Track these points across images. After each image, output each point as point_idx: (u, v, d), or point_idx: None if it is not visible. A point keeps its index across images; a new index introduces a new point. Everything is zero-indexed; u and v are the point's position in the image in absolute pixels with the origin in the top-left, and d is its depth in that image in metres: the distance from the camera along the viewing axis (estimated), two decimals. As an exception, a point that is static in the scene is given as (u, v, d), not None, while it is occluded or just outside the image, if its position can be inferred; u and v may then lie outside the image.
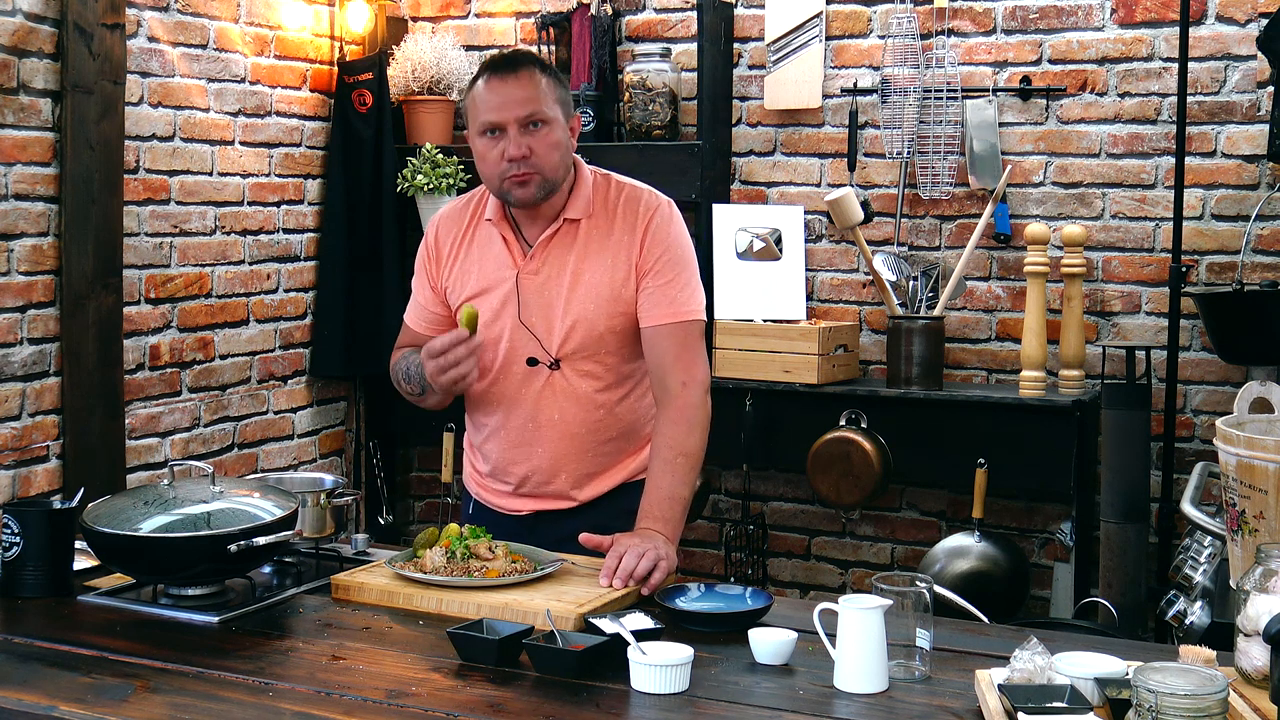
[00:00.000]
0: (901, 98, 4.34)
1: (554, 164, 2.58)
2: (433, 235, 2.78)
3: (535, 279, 2.65)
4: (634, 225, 2.64)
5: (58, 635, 2.18)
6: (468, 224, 2.74)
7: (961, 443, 4.05)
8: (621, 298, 2.64)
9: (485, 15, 4.93)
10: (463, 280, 2.72)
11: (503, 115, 2.55)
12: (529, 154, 2.54)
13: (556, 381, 2.66)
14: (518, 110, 2.55)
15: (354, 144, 4.69)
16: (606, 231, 2.65)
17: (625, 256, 2.64)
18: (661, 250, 2.64)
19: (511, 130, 2.55)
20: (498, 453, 2.76)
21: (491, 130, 2.57)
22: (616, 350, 2.67)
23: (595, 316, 2.63)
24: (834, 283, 4.55)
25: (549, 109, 2.58)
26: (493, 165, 2.58)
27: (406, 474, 5.22)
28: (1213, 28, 4.04)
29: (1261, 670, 1.78)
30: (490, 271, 2.68)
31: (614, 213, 2.67)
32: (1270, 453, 1.93)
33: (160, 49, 4.08)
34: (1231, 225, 4.06)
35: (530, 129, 2.55)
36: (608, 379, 2.68)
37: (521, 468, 2.73)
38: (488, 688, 1.96)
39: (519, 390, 2.69)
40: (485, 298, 2.67)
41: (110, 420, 3.87)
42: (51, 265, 3.74)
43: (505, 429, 2.73)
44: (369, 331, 4.71)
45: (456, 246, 2.74)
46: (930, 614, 2.04)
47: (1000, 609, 3.61)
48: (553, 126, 2.58)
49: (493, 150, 2.57)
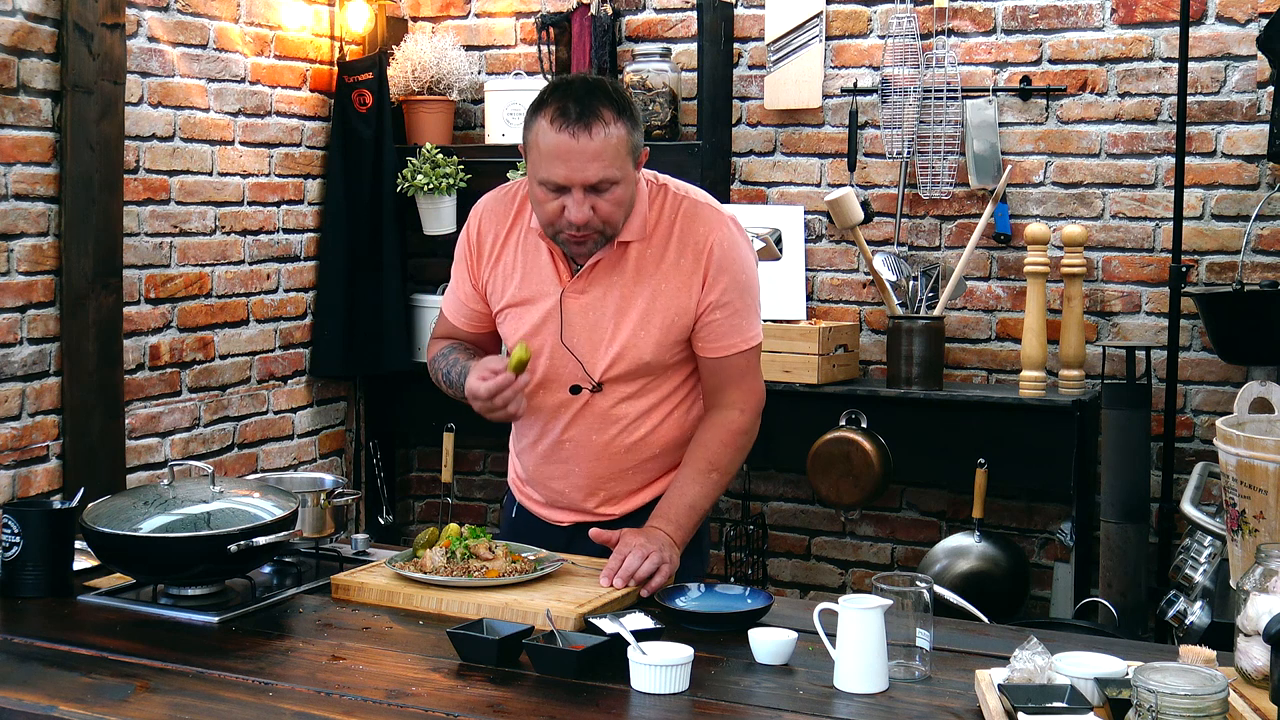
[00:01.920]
0: (901, 98, 4.34)
1: (617, 220, 2.42)
2: (475, 228, 2.63)
3: (580, 300, 2.52)
4: (698, 255, 2.48)
5: (58, 635, 2.18)
6: (512, 221, 2.59)
7: (961, 443, 4.05)
8: (676, 326, 2.51)
9: (485, 15, 4.93)
10: (504, 283, 2.59)
11: (570, 177, 2.35)
12: (592, 218, 2.38)
13: (596, 403, 2.56)
14: (587, 174, 2.35)
15: (354, 144, 4.69)
16: (660, 256, 2.50)
17: (685, 287, 2.49)
18: (727, 281, 2.51)
19: (576, 194, 2.36)
20: (534, 466, 2.68)
21: (554, 188, 2.38)
22: (662, 374, 2.56)
23: (644, 345, 2.51)
24: (834, 283, 4.55)
25: (619, 169, 2.37)
26: (549, 217, 2.41)
27: (406, 474, 5.22)
28: (1213, 28, 4.04)
29: (1261, 670, 1.78)
30: (534, 284, 2.55)
31: (670, 234, 2.50)
32: (1270, 453, 1.93)
33: (160, 49, 4.08)
34: (1231, 225, 4.06)
35: (597, 191, 2.37)
36: (650, 402, 2.58)
37: (556, 484, 2.66)
38: (488, 688, 1.96)
39: (556, 410, 2.59)
40: (526, 309, 2.57)
41: (110, 420, 3.87)
42: (51, 265, 3.74)
43: (541, 444, 2.64)
44: (369, 331, 4.71)
45: (499, 245, 2.59)
46: (930, 614, 2.04)
47: (1000, 609, 3.61)
48: (622, 185, 2.39)
49: (552, 202, 2.39)
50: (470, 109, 4.93)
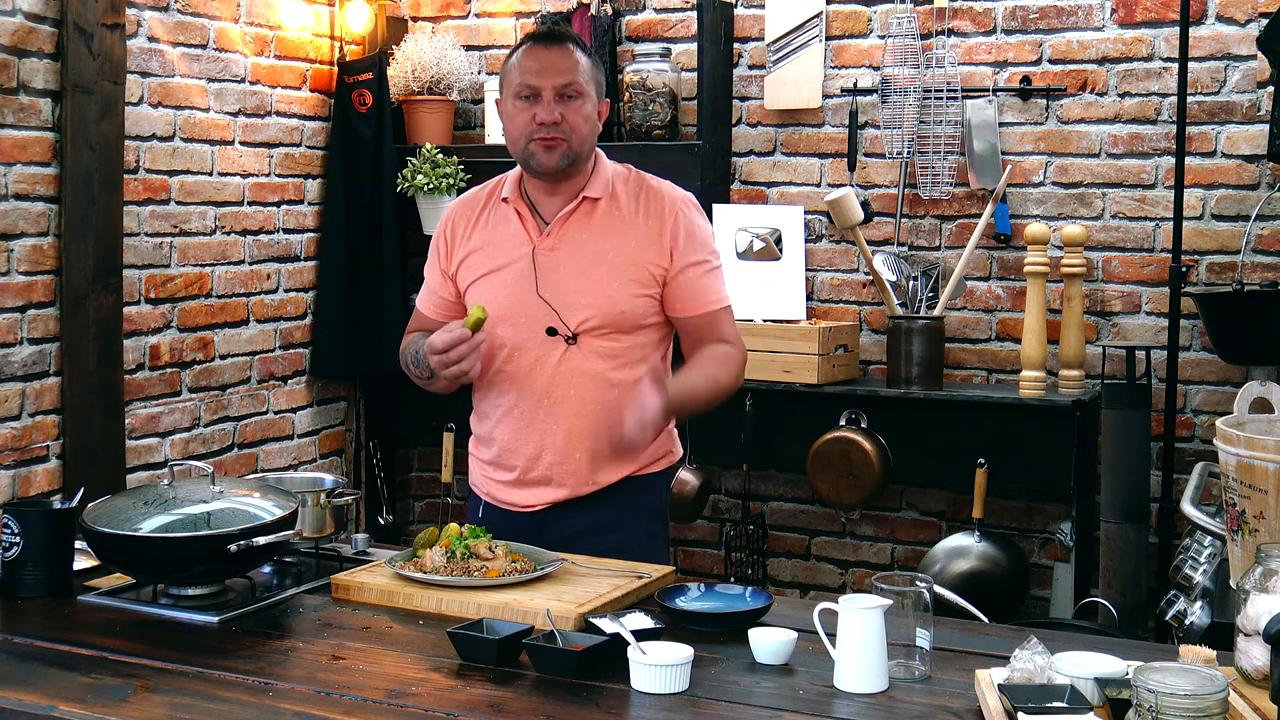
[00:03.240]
0: (901, 98, 4.34)
1: (582, 136, 2.64)
2: (446, 223, 2.82)
3: (552, 255, 2.68)
4: (662, 214, 2.69)
5: (58, 635, 2.18)
6: (482, 207, 2.78)
7: (961, 443, 4.05)
8: (645, 277, 2.66)
9: (485, 15, 4.93)
10: (477, 260, 2.74)
11: (540, 81, 2.61)
12: (560, 120, 2.60)
13: (572, 358, 2.66)
14: (555, 78, 2.62)
15: (354, 144, 4.69)
16: (630, 214, 2.69)
17: (651, 242, 2.67)
18: (695, 242, 2.69)
19: (546, 96, 2.61)
20: (509, 435, 2.73)
21: (526, 95, 2.62)
22: (634, 331, 2.68)
23: (616, 295, 2.65)
24: (834, 283, 4.55)
25: (585, 84, 2.65)
26: (522, 127, 2.63)
27: (406, 474, 5.22)
28: (1213, 28, 4.04)
29: (1261, 670, 1.78)
30: (506, 249, 2.71)
31: (636, 198, 2.71)
32: (1270, 453, 1.93)
33: (160, 49, 4.08)
34: (1231, 225, 4.06)
35: (565, 99, 2.62)
36: (624, 358, 2.68)
37: (534, 448, 2.70)
38: (488, 688, 1.96)
39: (533, 367, 2.68)
40: (500, 275, 2.70)
41: (110, 420, 3.87)
42: (51, 265, 3.74)
43: (519, 408, 2.71)
44: (369, 331, 4.71)
45: (470, 229, 2.77)
46: (930, 614, 2.04)
47: (1000, 609, 3.61)
48: (585, 100, 2.64)
49: (524, 113, 2.63)
50: (470, 109, 4.93)
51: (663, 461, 2.80)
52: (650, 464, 2.76)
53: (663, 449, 2.78)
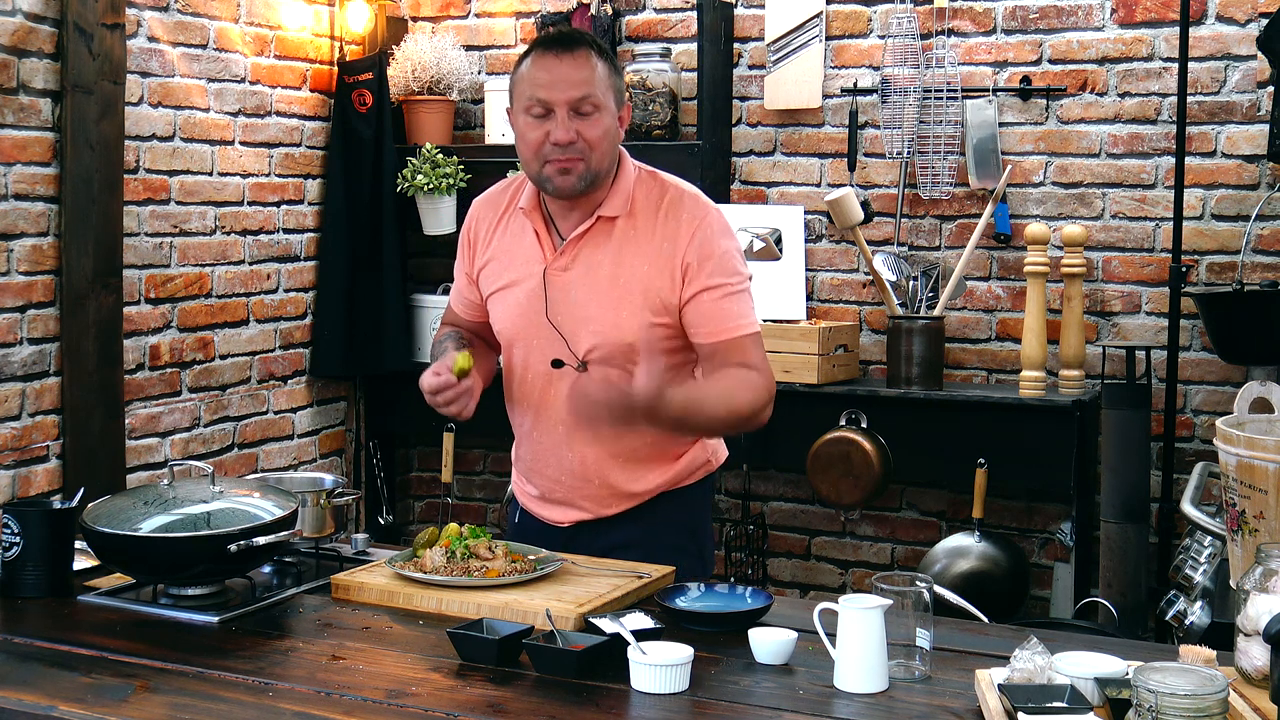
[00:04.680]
0: (901, 98, 4.34)
1: (601, 154, 2.44)
2: (471, 221, 2.67)
3: (564, 276, 2.51)
4: (677, 236, 2.47)
5: (58, 635, 2.18)
6: (504, 210, 2.62)
7: (961, 443, 4.05)
8: (656, 308, 2.47)
9: (485, 15, 4.93)
10: (494, 270, 2.61)
11: (553, 95, 2.40)
12: (576, 139, 2.40)
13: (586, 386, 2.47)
14: (569, 91, 2.40)
15: (354, 144, 4.69)
16: (647, 233, 2.49)
17: (665, 268, 2.47)
18: (712, 265, 2.46)
19: (560, 112, 2.40)
20: (530, 457, 2.66)
21: (538, 112, 2.42)
22: (650, 356, 2.43)
23: (625, 324, 2.47)
24: (834, 283, 4.55)
25: (602, 95, 2.42)
26: (534, 146, 2.43)
27: (406, 474, 5.22)
28: (1213, 28, 4.04)
29: (1261, 670, 1.78)
30: (519, 265, 2.56)
31: (655, 215, 2.50)
32: (1270, 453, 1.92)
33: (160, 49, 4.08)
34: (1231, 225, 4.06)
35: (580, 115, 2.41)
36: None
37: (551, 471, 2.63)
38: (488, 688, 1.96)
39: (544, 392, 2.57)
40: (512, 291, 2.57)
41: (110, 420, 3.87)
42: (51, 265, 3.74)
43: (535, 432, 2.62)
44: (369, 331, 4.71)
45: (491, 233, 2.62)
46: (930, 614, 2.04)
47: (1000, 609, 3.61)
48: (604, 114, 2.43)
49: (536, 130, 2.42)
50: (470, 109, 4.93)
51: (700, 472, 2.67)
52: (686, 477, 2.64)
53: (699, 460, 2.66)
